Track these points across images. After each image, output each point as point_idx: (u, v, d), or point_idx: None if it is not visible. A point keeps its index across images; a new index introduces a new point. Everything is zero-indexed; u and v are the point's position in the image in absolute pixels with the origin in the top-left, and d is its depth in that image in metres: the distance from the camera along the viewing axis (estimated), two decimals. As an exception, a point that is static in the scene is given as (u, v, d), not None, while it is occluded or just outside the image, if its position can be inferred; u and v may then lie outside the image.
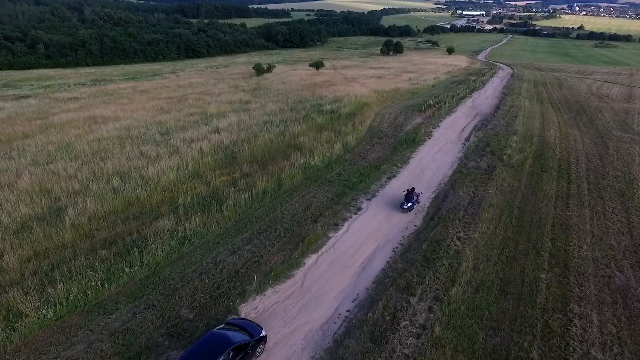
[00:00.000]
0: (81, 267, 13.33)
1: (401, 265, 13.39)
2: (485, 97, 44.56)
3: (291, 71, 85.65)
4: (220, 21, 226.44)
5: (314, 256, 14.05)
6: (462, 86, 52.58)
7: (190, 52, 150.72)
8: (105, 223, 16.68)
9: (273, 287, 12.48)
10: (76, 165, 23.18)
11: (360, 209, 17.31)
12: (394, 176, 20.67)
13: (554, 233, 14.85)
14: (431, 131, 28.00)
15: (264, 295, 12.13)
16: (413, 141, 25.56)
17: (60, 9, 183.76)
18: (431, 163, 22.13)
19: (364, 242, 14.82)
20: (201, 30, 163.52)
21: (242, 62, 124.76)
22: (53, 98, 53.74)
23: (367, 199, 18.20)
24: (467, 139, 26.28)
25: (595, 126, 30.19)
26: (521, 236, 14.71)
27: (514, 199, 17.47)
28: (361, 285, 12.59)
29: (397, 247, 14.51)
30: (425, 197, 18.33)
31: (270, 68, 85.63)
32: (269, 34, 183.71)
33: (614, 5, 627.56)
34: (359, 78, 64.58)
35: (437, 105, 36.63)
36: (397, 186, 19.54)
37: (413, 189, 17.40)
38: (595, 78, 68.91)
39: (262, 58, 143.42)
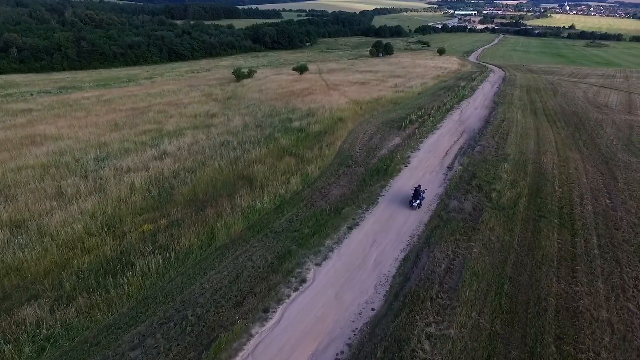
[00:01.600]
0: None
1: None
2: (475, 108, 40.68)
3: (273, 76, 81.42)
4: (208, 22, 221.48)
5: (221, 372, 9.89)
6: (450, 94, 48.74)
7: (173, 55, 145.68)
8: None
9: None
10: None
11: (304, 281, 13.16)
12: (357, 224, 16.55)
13: (559, 326, 10.81)
14: (409, 157, 23.93)
15: None
16: (386, 172, 21.47)
17: (39, 11, 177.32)
18: (404, 203, 18.04)
19: (297, 342, 10.68)
20: (185, 32, 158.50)
21: (226, 66, 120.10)
22: (4, 110, 48.95)
23: (317, 264, 14.06)
24: (450, 167, 22.25)
25: (597, 146, 26.33)
26: (514, 332, 10.66)
27: (504, 264, 13.43)
28: None
29: (341, 352, 10.39)
30: (392, 258, 14.25)
31: (251, 73, 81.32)
32: (256, 35, 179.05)
33: (604, 4, 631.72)
34: (342, 84, 60.52)
35: (420, 120, 32.63)
36: (357, 241, 15.44)
37: (419, 186, 17.92)
38: (590, 82, 65.53)
39: (247, 61, 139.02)
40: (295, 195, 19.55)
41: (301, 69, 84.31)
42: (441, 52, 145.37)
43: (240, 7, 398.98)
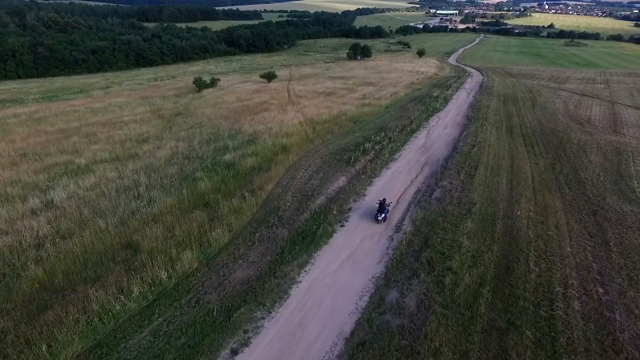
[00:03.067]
0: None
1: None
2: (444, 126, 36.03)
3: (238, 84, 75.84)
4: (183, 25, 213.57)
5: None
6: (421, 107, 44.12)
7: (141, 60, 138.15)
8: None
9: None
10: None
11: None
12: (248, 343, 11.37)
13: None
14: (349, 209, 18.88)
15: None
16: (313, 237, 16.35)
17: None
18: (324, 298, 12.95)
19: None
20: (155, 35, 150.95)
21: (195, 72, 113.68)
22: None
23: None
24: (399, 227, 17.27)
25: (582, 184, 21.75)
26: None
27: None
28: None
29: None
30: None
31: (213, 82, 75.67)
32: (230, 38, 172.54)
33: (581, 3, 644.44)
34: (306, 95, 55.39)
35: (377, 148, 27.71)
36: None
37: (384, 199, 17.87)
38: (571, 89, 62.00)
39: (219, 66, 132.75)
40: (183, 281, 14.25)
41: (269, 77, 79.06)
42: (421, 53, 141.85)
43: (219, 8, 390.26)
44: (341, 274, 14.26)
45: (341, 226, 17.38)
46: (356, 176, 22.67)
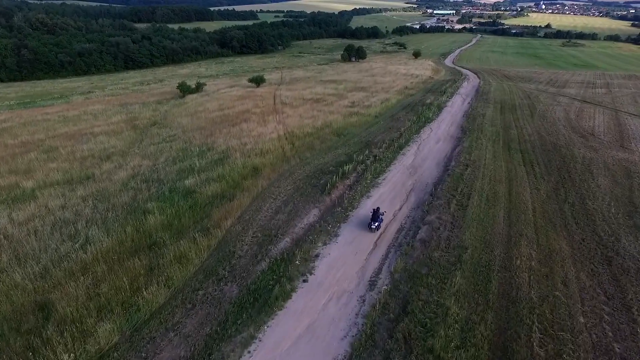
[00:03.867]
0: None
1: None
2: (436, 140, 33.08)
3: (225, 89, 72.70)
4: (176, 26, 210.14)
5: None
6: (412, 116, 41.17)
7: (130, 62, 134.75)
8: None
9: None
10: None
11: None
12: None
13: None
14: (317, 255, 15.82)
15: None
16: (267, 299, 13.29)
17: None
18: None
19: None
20: (145, 37, 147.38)
21: (184, 75, 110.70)
22: None
23: None
24: (373, 282, 14.25)
25: (591, 219, 18.75)
26: None
27: None
28: None
29: None
30: None
31: (199, 86, 72.64)
32: (223, 39, 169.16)
33: (578, 3, 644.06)
34: (292, 103, 52.34)
35: (359, 169, 24.69)
36: None
37: (378, 208, 17.55)
38: (571, 94, 59.19)
39: (210, 68, 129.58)
40: (93, 367, 11.16)
41: (257, 81, 76.07)
42: (417, 55, 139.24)
43: (215, 8, 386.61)
44: (294, 356, 11.20)
45: (304, 281, 14.31)
46: (331, 209, 19.62)
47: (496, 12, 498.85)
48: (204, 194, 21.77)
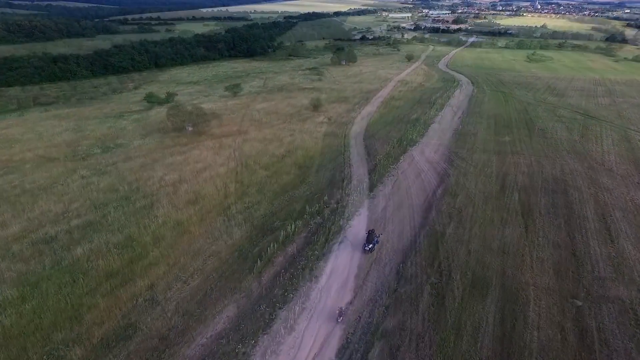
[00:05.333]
0: None
1: None
2: (417, 174, 27.56)
3: (198, 99, 66.93)
4: (163, 28, 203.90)
5: None
6: (394, 137, 35.77)
7: (109, 67, 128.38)
8: None
9: None
10: None
11: None
12: None
13: None
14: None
15: None
16: None
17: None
18: None
19: None
20: (126, 40, 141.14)
21: (162, 81, 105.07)
22: None
23: None
24: None
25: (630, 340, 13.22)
26: None
27: None
28: None
29: None
30: None
31: (170, 97, 66.98)
32: (209, 42, 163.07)
33: (572, 2, 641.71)
34: (263, 119, 46.80)
35: (311, 225, 19.13)
36: None
37: (373, 230, 17.03)
38: (572, 106, 53.86)
39: (193, 73, 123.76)
40: None
41: (234, 90, 70.53)
42: (409, 58, 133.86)
43: (206, 9, 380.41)
44: None
45: None
46: (256, 304, 14.02)
47: (492, 12, 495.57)
48: (91, 274, 16.11)
